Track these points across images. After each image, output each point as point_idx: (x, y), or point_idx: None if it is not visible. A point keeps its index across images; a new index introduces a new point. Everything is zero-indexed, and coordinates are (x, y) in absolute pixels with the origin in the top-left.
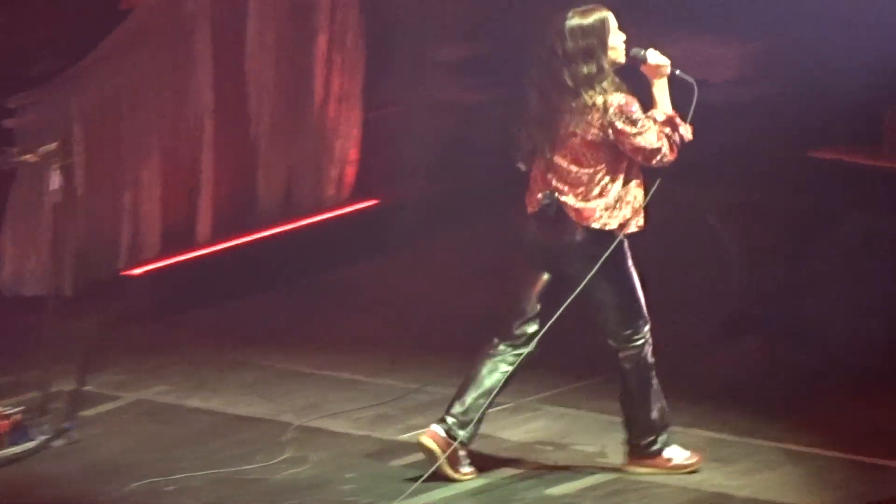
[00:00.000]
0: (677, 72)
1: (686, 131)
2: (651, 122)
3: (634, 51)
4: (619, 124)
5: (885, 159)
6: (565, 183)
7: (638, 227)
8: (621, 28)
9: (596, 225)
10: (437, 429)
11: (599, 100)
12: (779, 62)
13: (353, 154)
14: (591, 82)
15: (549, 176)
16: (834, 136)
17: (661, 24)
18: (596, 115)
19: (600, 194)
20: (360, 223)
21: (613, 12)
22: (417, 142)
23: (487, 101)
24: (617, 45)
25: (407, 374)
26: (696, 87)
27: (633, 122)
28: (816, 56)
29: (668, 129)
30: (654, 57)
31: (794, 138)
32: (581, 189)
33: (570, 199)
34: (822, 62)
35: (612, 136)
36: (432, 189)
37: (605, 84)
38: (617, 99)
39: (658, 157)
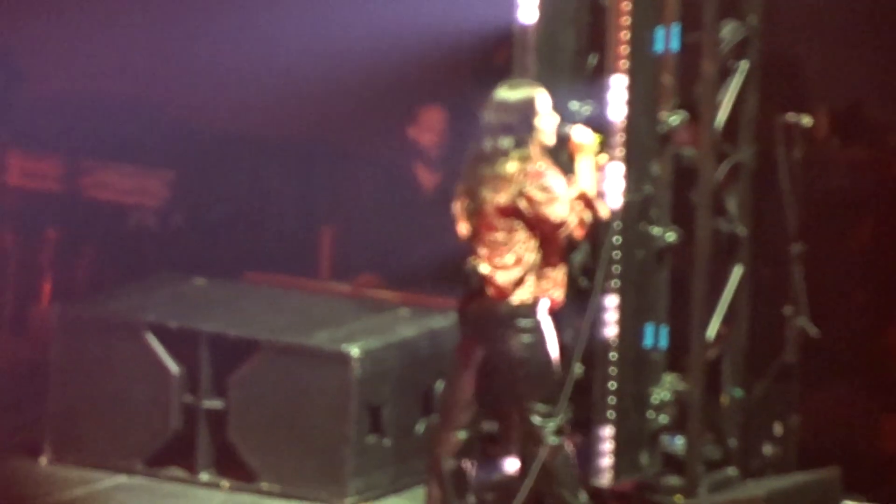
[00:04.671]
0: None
1: (604, 209)
2: (564, 195)
3: (559, 127)
4: (530, 190)
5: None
6: (484, 250)
7: (557, 299)
8: None
9: (514, 300)
10: None
11: (514, 167)
12: (201, 190)
13: None
14: (506, 154)
15: (474, 243)
16: (272, 260)
17: (83, 154)
18: (509, 181)
19: (514, 264)
20: None
21: None
22: None
23: None
24: (545, 128)
25: None
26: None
27: (544, 190)
28: (244, 181)
29: (579, 205)
30: (578, 134)
31: (231, 262)
32: (496, 256)
33: (485, 268)
34: (252, 187)
35: (523, 203)
36: None
37: (522, 155)
38: (533, 166)
39: (562, 231)
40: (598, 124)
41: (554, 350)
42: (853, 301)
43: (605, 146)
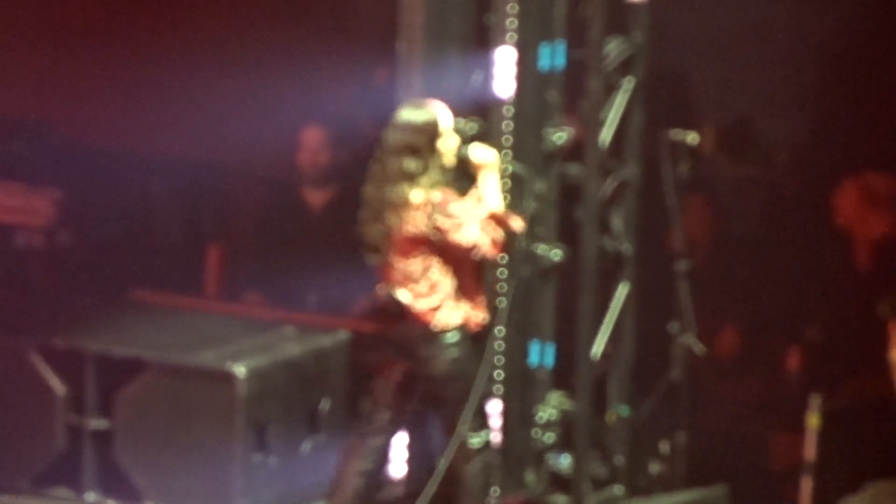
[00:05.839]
0: (509, 167)
1: (516, 223)
2: (472, 217)
3: (458, 150)
4: (437, 219)
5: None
6: (399, 276)
7: (479, 321)
8: None
9: (437, 325)
10: None
11: (418, 196)
12: (87, 208)
13: None
14: (412, 179)
15: (387, 269)
16: (159, 278)
17: None
18: (415, 211)
19: (430, 290)
20: None
21: None
22: None
23: None
24: (447, 149)
25: None
26: (529, 179)
27: (450, 217)
28: (127, 201)
29: (490, 225)
30: (477, 153)
31: (118, 281)
32: (411, 284)
33: (404, 296)
34: (136, 206)
35: (431, 232)
36: None
37: (426, 181)
38: (435, 196)
39: (475, 253)
40: (484, 142)
41: (478, 366)
42: (740, 318)
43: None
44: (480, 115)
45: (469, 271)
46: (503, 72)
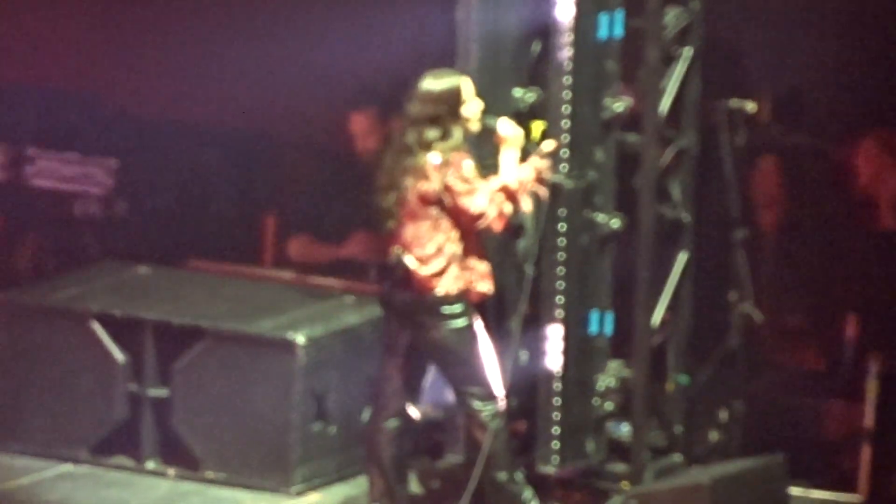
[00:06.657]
0: (538, 144)
1: (526, 203)
2: (484, 186)
3: (484, 120)
4: (451, 180)
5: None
6: (408, 240)
7: (483, 291)
8: None
9: (439, 291)
10: None
11: (437, 158)
12: (142, 178)
13: None
14: (430, 147)
15: (398, 234)
16: (214, 247)
17: (26, 142)
18: (433, 171)
19: (436, 253)
20: None
21: None
22: None
23: None
24: (470, 115)
25: None
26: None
27: (465, 181)
28: (182, 171)
29: (500, 197)
30: (503, 128)
31: (174, 250)
32: (419, 248)
33: (411, 261)
34: (191, 176)
35: (443, 193)
36: None
37: (443, 146)
38: (454, 157)
39: (481, 222)
40: (542, 111)
41: (483, 335)
42: (796, 287)
43: (548, 133)
44: (539, 85)
45: (474, 240)
46: (562, 42)
